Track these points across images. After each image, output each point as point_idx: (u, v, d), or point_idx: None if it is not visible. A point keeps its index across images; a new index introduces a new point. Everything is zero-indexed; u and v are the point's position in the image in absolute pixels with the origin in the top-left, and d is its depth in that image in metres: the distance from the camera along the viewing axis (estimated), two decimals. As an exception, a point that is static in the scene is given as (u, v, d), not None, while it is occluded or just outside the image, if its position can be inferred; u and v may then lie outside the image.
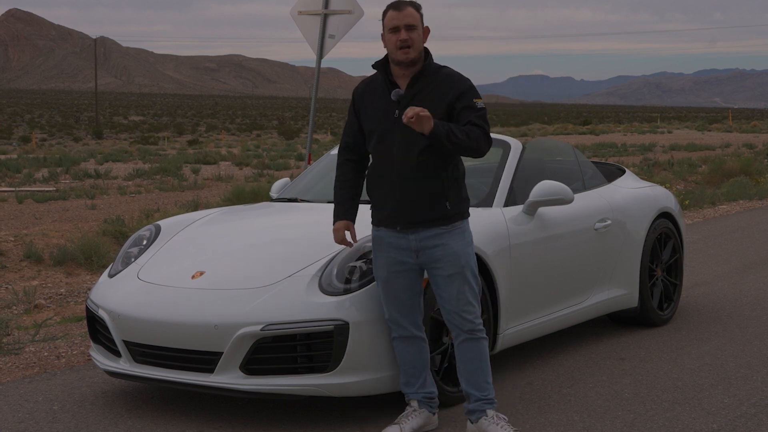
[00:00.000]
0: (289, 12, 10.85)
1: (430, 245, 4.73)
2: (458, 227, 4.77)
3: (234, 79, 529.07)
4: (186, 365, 5.04)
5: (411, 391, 4.91)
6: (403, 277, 4.81)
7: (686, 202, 15.28)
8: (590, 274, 6.58)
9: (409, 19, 4.68)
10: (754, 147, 35.57)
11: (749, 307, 7.83)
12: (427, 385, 4.92)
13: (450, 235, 4.74)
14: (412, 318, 4.86)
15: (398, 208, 4.74)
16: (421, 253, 4.75)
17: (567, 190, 6.00)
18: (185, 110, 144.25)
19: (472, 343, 4.79)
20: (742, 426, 4.97)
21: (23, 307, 8.59)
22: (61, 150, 43.22)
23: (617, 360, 6.30)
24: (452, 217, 4.75)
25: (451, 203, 4.74)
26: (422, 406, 4.91)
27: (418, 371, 4.90)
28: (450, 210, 4.74)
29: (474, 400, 4.81)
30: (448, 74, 4.78)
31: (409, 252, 4.77)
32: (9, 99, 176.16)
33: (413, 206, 4.71)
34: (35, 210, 16.74)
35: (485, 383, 4.81)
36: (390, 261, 4.80)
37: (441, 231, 4.73)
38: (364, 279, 5.01)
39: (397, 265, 4.80)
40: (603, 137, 49.67)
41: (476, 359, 4.79)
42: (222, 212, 6.42)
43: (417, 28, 4.70)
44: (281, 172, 26.28)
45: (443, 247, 4.72)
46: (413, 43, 4.68)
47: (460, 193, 4.80)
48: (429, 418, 4.92)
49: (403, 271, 4.80)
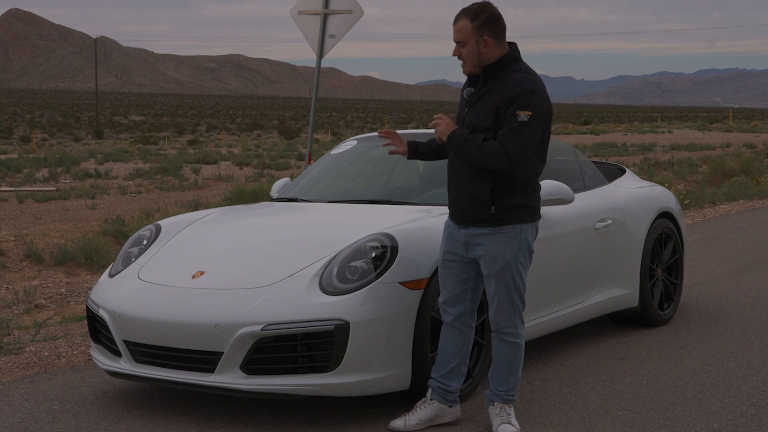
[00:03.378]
0: (289, 12, 10.85)
1: (475, 243, 4.84)
2: (506, 231, 4.79)
3: (234, 79, 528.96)
4: (186, 365, 5.03)
5: (434, 375, 5.00)
6: (456, 267, 4.93)
7: (686, 201, 15.28)
8: (591, 274, 6.58)
9: (457, 35, 4.78)
10: (754, 147, 35.57)
11: (750, 307, 7.83)
12: (450, 377, 4.97)
13: (494, 237, 4.79)
14: (460, 309, 4.95)
15: (452, 203, 4.93)
16: (469, 248, 4.87)
17: (567, 190, 5.99)
18: (186, 110, 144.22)
19: (498, 342, 4.93)
20: (742, 426, 4.97)
21: (24, 307, 8.59)
22: (61, 150, 43.23)
23: (617, 360, 6.30)
24: (497, 221, 4.78)
25: (497, 208, 4.77)
26: (434, 397, 4.97)
27: (447, 360, 4.97)
28: (495, 215, 4.77)
29: (491, 389, 4.96)
30: (516, 77, 4.75)
31: (460, 244, 4.90)
32: (9, 99, 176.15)
33: (460, 205, 4.86)
34: (36, 210, 16.74)
35: (506, 381, 4.92)
36: (446, 249, 4.96)
37: (487, 231, 4.80)
38: (364, 279, 5.01)
39: (451, 255, 4.94)
40: (603, 137, 49.67)
41: (500, 358, 4.93)
42: (222, 212, 6.41)
43: (466, 43, 4.76)
44: (281, 171, 26.28)
45: (485, 247, 4.81)
46: (464, 59, 4.79)
47: (512, 200, 4.77)
48: (441, 410, 4.96)
49: (456, 261, 4.93)
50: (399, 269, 5.05)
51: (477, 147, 4.68)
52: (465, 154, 4.73)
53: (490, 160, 4.67)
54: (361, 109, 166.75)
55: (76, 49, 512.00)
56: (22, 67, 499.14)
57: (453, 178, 4.92)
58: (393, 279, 5.01)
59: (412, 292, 5.05)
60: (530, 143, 4.68)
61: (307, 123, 26.11)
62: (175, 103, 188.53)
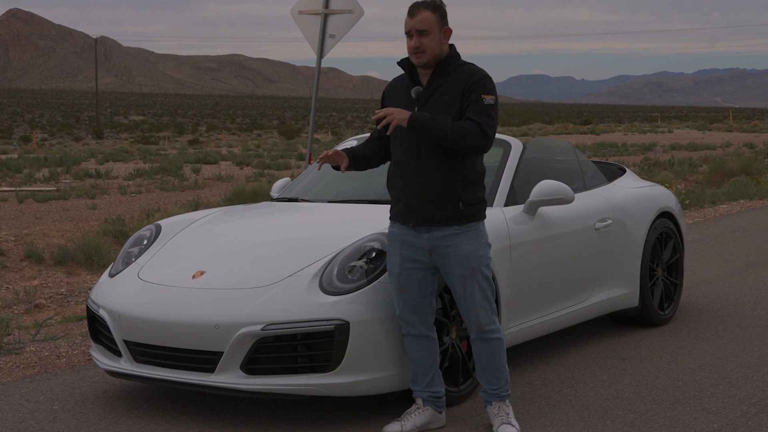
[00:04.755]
0: (289, 12, 10.85)
1: (443, 245, 4.76)
2: (472, 228, 4.79)
3: (234, 78, 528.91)
4: (186, 365, 5.03)
5: (417, 389, 4.94)
6: (416, 275, 4.83)
7: (687, 201, 15.28)
8: (591, 274, 6.58)
9: (420, 24, 4.69)
10: (754, 146, 35.57)
11: (750, 307, 7.83)
12: (434, 385, 4.94)
13: (463, 236, 4.76)
14: (423, 317, 4.88)
15: (410, 206, 4.78)
16: (434, 253, 4.78)
17: (567, 190, 5.99)
18: (186, 110, 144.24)
19: (481, 343, 4.88)
20: (742, 426, 4.97)
21: (24, 307, 8.59)
22: (61, 150, 43.24)
23: (617, 360, 6.30)
24: (466, 218, 4.76)
25: (464, 203, 4.75)
26: (427, 405, 4.94)
27: (425, 370, 4.92)
28: (463, 210, 4.75)
29: (484, 390, 4.95)
30: (467, 70, 4.77)
31: (422, 251, 4.80)
32: (9, 99, 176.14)
33: (424, 204, 4.75)
34: (36, 210, 16.74)
35: (495, 378, 4.90)
36: (403, 258, 4.83)
37: (454, 231, 4.75)
38: (364, 279, 5.01)
39: (410, 263, 4.83)
40: (603, 137, 49.66)
41: (486, 358, 4.89)
42: (222, 212, 6.41)
43: (430, 33, 4.70)
44: (282, 171, 26.28)
45: (455, 247, 4.75)
46: (425, 48, 4.70)
47: (475, 194, 4.79)
48: (434, 417, 4.95)
49: (416, 268, 4.83)
50: (399, 269, 5.03)
51: (449, 124, 4.59)
52: (434, 132, 4.59)
53: (465, 138, 4.60)
54: (361, 109, 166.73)
55: (76, 49, 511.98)
56: (22, 67, 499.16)
57: (413, 178, 4.76)
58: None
59: (412, 292, 5.03)
60: (496, 126, 4.71)
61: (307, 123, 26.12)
62: (175, 103, 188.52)
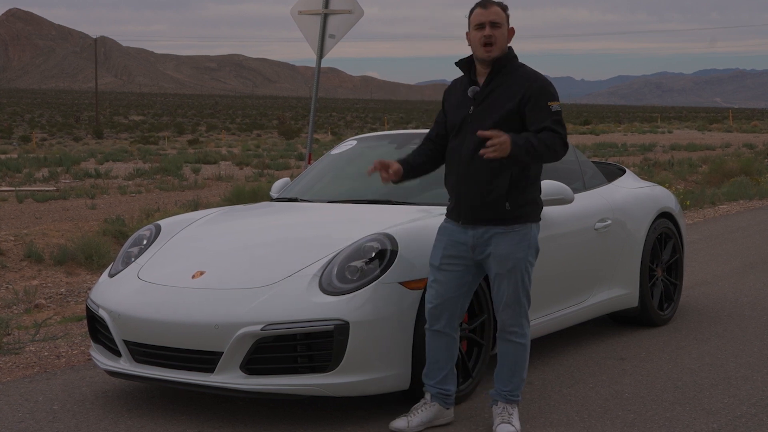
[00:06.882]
0: (289, 12, 10.85)
1: (485, 243, 4.80)
2: (516, 230, 4.80)
3: (234, 78, 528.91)
4: (186, 365, 5.03)
5: (429, 383, 4.96)
6: (453, 272, 4.87)
7: (687, 202, 15.29)
8: (590, 274, 6.58)
9: (495, 16, 4.76)
10: (754, 147, 35.60)
11: (749, 307, 7.83)
12: (446, 382, 4.96)
13: (504, 237, 4.79)
14: (452, 315, 4.90)
15: (460, 203, 4.84)
16: (477, 250, 4.83)
17: (567, 190, 5.99)
18: (186, 110, 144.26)
19: (502, 342, 4.93)
20: (742, 426, 4.97)
21: (23, 307, 8.59)
22: (61, 149, 43.25)
23: (617, 360, 6.30)
24: (511, 219, 4.78)
25: (511, 204, 4.77)
26: (435, 400, 4.96)
27: (440, 366, 4.94)
28: (509, 211, 4.78)
29: (495, 388, 4.97)
30: (525, 72, 4.82)
31: (465, 247, 4.84)
32: (9, 98, 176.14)
33: (473, 203, 4.80)
34: (36, 209, 16.75)
35: (509, 381, 4.92)
36: (446, 253, 4.88)
37: (499, 231, 4.79)
38: (364, 279, 5.01)
39: (452, 259, 4.87)
40: (603, 137, 49.70)
41: (504, 357, 4.94)
42: (222, 212, 6.41)
43: (502, 27, 4.77)
44: (281, 171, 26.29)
45: (495, 246, 4.79)
46: (496, 41, 4.76)
47: (524, 196, 4.81)
48: (441, 412, 4.96)
49: (456, 264, 4.86)
50: (399, 269, 5.04)
51: (542, 143, 4.61)
52: (531, 155, 4.61)
53: (557, 152, 4.66)
54: (361, 109, 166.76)
55: (76, 49, 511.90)
56: (22, 67, 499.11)
57: (467, 177, 4.83)
58: (393, 279, 5.01)
59: (412, 292, 5.04)
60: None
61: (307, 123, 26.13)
62: (175, 103, 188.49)
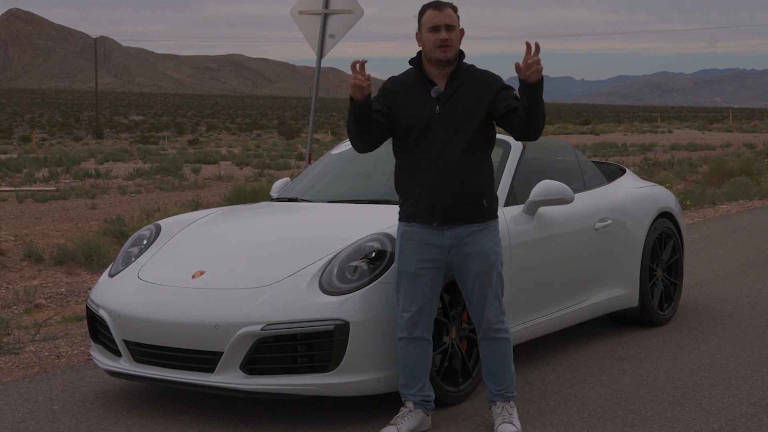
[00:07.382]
0: (289, 12, 10.85)
1: (463, 242, 4.79)
2: (491, 226, 4.85)
3: (234, 78, 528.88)
4: (186, 365, 5.03)
5: (409, 393, 4.91)
6: (429, 276, 4.83)
7: (687, 201, 15.28)
8: (590, 274, 6.58)
9: (449, 19, 4.78)
10: (754, 147, 35.60)
11: (749, 307, 7.83)
12: (425, 389, 4.92)
13: (482, 234, 4.81)
14: (428, 319, 4.87)
15: (436, 204, 4.77)
16: (453, 251, 4.80)
17: (567, 190, 6.00)
18: (186, 110, 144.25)
19: (489, 342, 4.90)
20: (742, 426, 4.97)
21: (24, 307, 8.59)
22: (61, 149, 43.25)
23: (617, 360, 6.30)
24: (487, 215, 4.82)
25: (487, 200, 4.82)
26: (418, 408, 4.91)
27: (419, 375, 4.89)
28: (486, 207, 4.81)
29: (489, 390, 4.96)
30: (480, 72, 4.88)
31: (441, 249, 4.81)
32: (9, 98, 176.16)
33: (453, 203, 4.77)
34: (36, 209, 16.75)
35: (501, 379, 4.91)
36: (421, 258, 4.81)
37: (476, 228, 4.80)
38: (364, 279, 5.01)
39: (426, 263, 4.82)
40: (603, 137, 49.69)
41: (493, 358, 4.91)
42: (222, 212, 6.42)
43: (455, 28, 4.80)
44: (281, 171, 26.29)
45: (474, 244, 4.79)
46: (452, 43, 4.77)
47: (492, 191, 4.88)
48: (424, 419, 4.93)
49: (430, 269, 4.82)
50: (399, 269, 5.03)
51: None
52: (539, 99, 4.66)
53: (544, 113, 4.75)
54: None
55: (76, 49, 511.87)
56: (22, 67, 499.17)
57: (441, 177, 4.75)
58: (393, 279, 5.00)
59: (412, 292, 5.03)
60: None
61: (307, 123, 26.12)
62: (175, 103, 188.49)
